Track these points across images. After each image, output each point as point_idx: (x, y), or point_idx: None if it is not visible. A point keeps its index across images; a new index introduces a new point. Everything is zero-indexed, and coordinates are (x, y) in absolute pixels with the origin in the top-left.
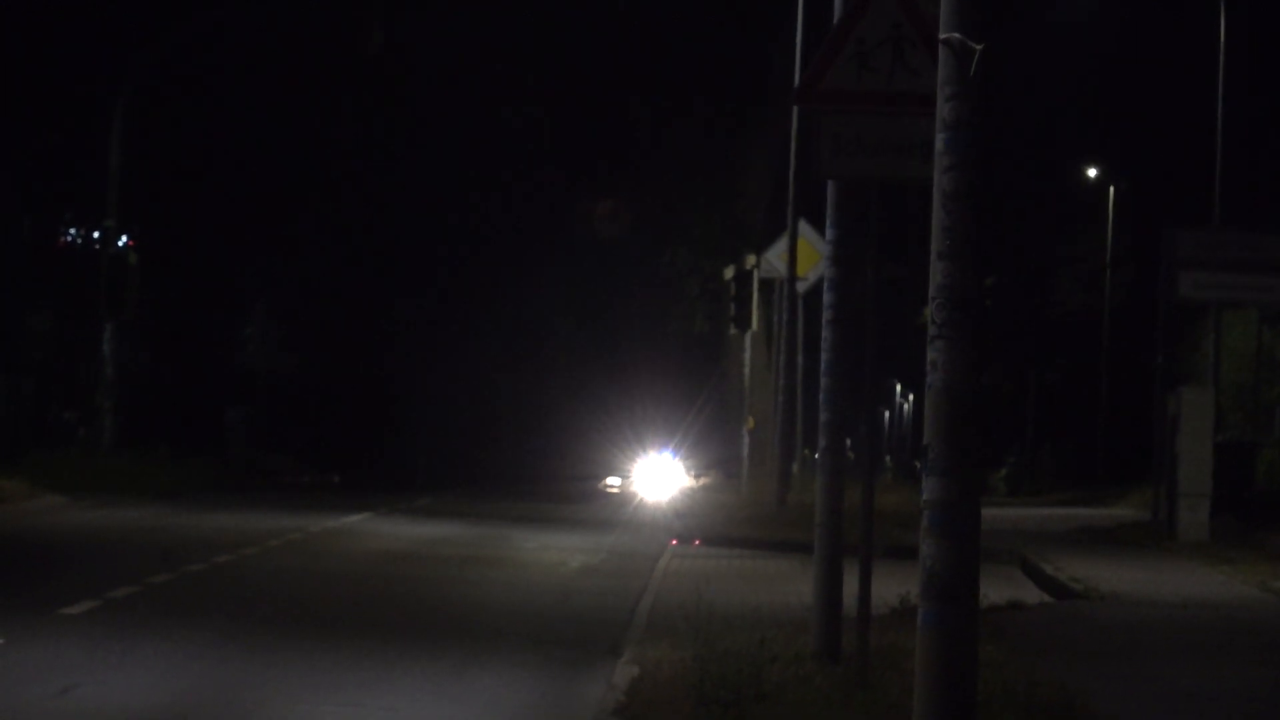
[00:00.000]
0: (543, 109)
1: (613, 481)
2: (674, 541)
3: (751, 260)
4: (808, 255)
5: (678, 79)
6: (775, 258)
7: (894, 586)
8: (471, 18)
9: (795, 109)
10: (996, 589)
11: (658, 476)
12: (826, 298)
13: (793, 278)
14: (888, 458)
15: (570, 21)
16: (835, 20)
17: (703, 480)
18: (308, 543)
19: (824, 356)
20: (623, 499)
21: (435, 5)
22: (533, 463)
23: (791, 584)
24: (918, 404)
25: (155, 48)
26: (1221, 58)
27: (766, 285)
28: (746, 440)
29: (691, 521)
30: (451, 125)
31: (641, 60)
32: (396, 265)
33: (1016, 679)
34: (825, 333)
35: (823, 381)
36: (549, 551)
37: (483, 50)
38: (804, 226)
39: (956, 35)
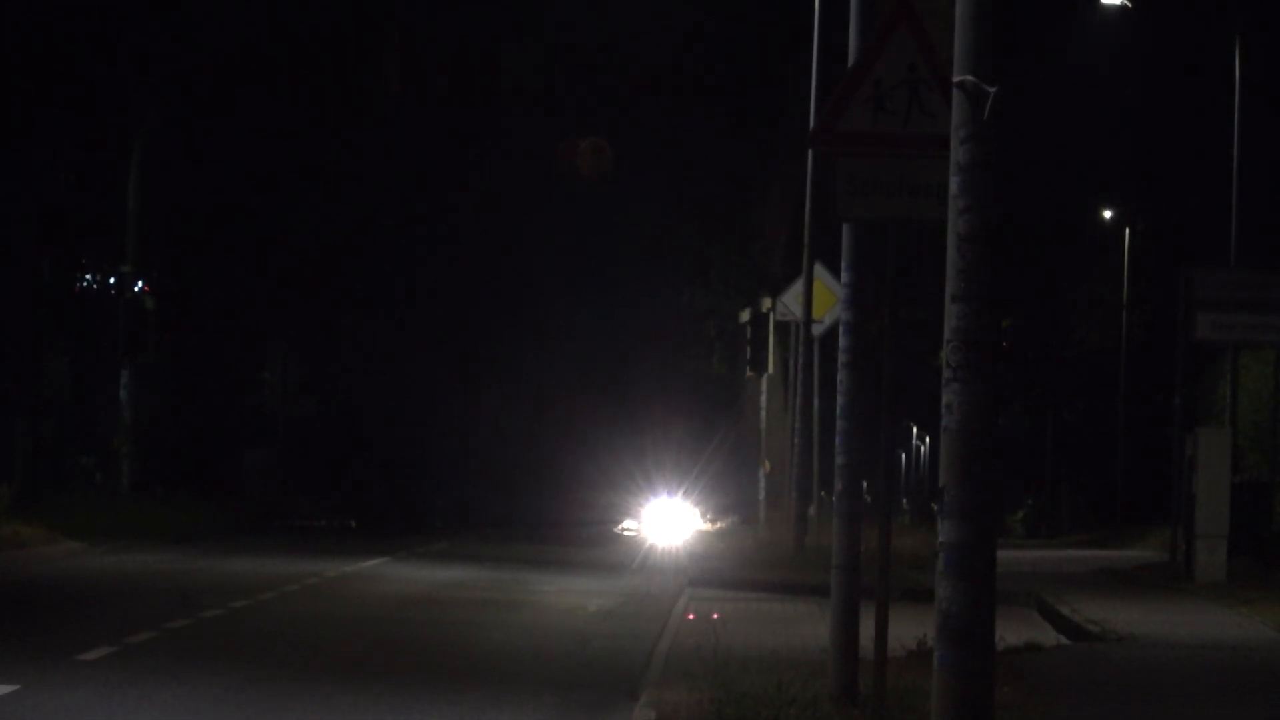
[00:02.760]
0: (559, 147)
1: (630, 525)
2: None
3: (767, 303)
4: (824, 298)
5: (694, 120)
6: (791, 300)
7: (911, 629)
8: (485, 59)
9: (811, 151)
10: (1013, 631)
11: (672, 520)
12: (842, 340)
13: (808, 321)
14: (904, 500)
15: (586, 60)
16: (851, 63)
17: (719, 524)
18: (325, 587)
19: (840, 399)
20: (639, 542)
21: (448, 47)
22: (549, 506)
23: (809, 626)
24: (934, 446)
25: (172, 92)
26: (1238, 98)
27: (783, 328)
28: (763, 483)
29: (709, 565)
30: (466, 169)
31: (658, 100)
32: (414, 309)
33: None
34: (841, 375)
35: (839, 424)
36: (566, 595)
37: (497, 91)
38: (820, 269)
39: (970, 78)
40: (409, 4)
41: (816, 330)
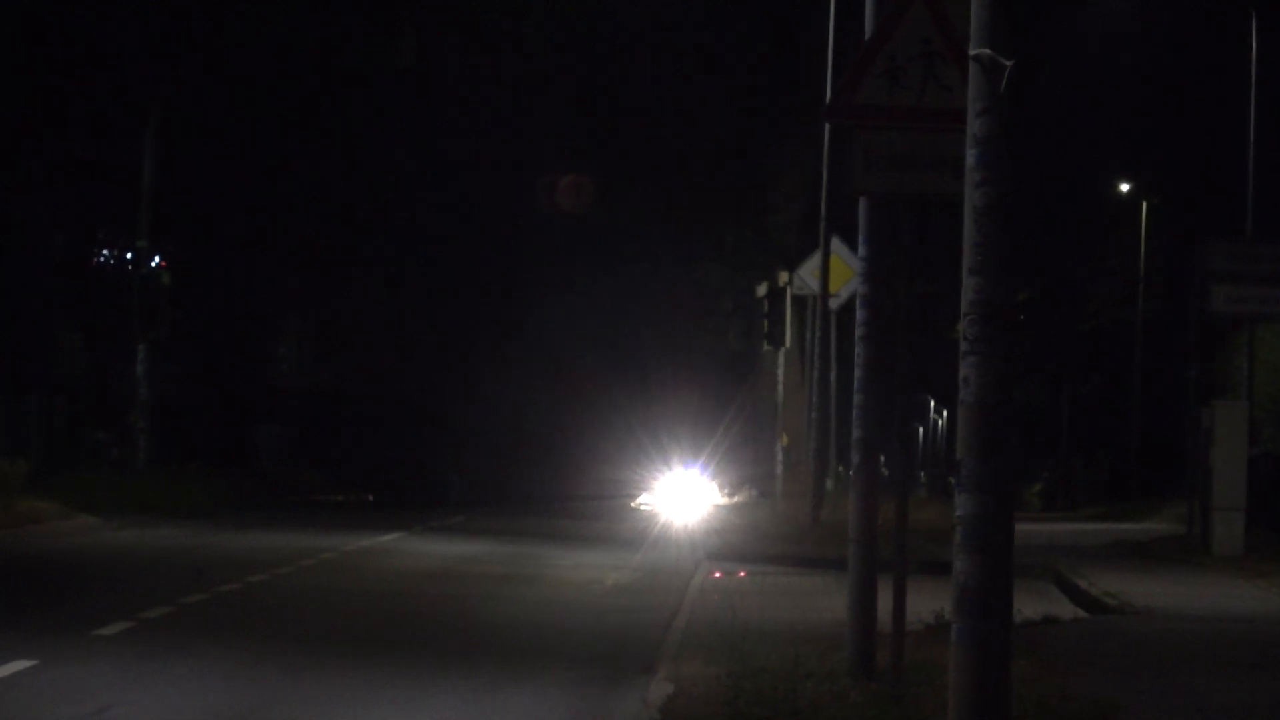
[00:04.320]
0: (574, 124)
1: (646, 499)
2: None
3: (784, 277)
4: (840, 271)
5: (710, 95)
6: (808, 274)
7: (928, 602)
8: (498, 28)
9: (827, 125)
10: (1030, 604)
11: (689, 494)
12: (859, 314)
13: (825, 294)
14: (921, 474)
15: (601, 38)
16: (867, 36)
17: (736, 498)
18: (341, 562)
19: (857, 373)
20: (655, 517)
21: (463, 16)
22: (565, 480)
23: (826, 600)
24: (951, 420)
25: (186, 67)
26: (1254, 71)
27: (800, 302)
28: (780, 457)
29: (725, 539)
30: (481, 141)
31: (673, 76)
32: (428, 283)
33: (1050, 694)
34: (858, 349)
35: (856, 398)
36: (583, 569)
37: (511, 62)
38: (837, 243)
39: (987, 51)
40: None
41: (833, 304)
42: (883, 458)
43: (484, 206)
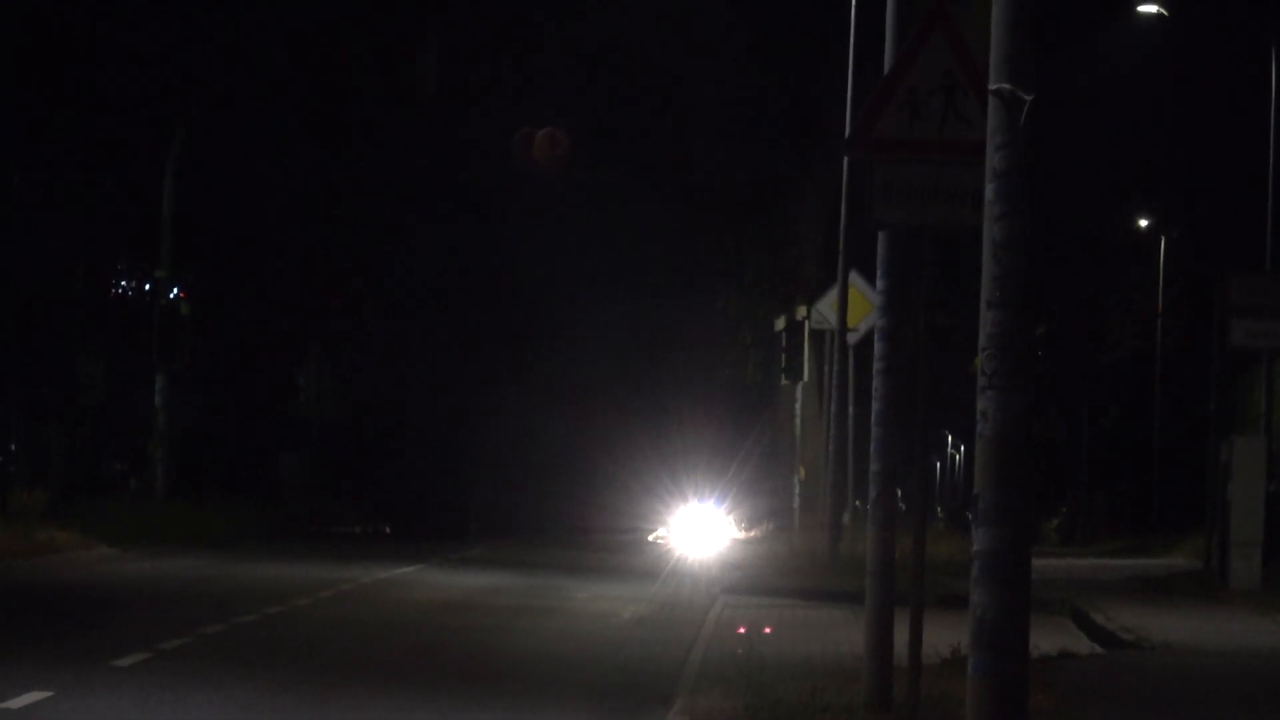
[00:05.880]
0: (595, 151)
1: (663, 532)
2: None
3: (802, 311)
4: (859, 305)
5: (732, 126)
6: (826, 308)
7: (946, 636)
8: (516, 54)
9: (846, 157)
10: (1047, 639)
11: (705, 527)
12: (877, 348)
13: (843, 328)
14: (939, 508)
15: (623, 67)
16: (886, 68)
17: (752, 531)
18: (360, 593)
19: (875, 406)
20: (672, 550)
21: (481, 45)
22: (582, 512)
23: (843, 633)
24: (968, 454)
25: (207, 97)
26: (1274, 103)
27: (818, 335)
28: (797, 490)
29: (742, 572)
30: (495, 168)
31: (695, 104)
32: (448, 313)
33: None
34: (876, 382)
35: (874, 431)
36: (600, 602)
37: (526, 89)
38: (855, 276)
39: (1007, 86)
40: (445, 5)
41: (851, 338)
42: (900, 491)
43: (504, 236)
